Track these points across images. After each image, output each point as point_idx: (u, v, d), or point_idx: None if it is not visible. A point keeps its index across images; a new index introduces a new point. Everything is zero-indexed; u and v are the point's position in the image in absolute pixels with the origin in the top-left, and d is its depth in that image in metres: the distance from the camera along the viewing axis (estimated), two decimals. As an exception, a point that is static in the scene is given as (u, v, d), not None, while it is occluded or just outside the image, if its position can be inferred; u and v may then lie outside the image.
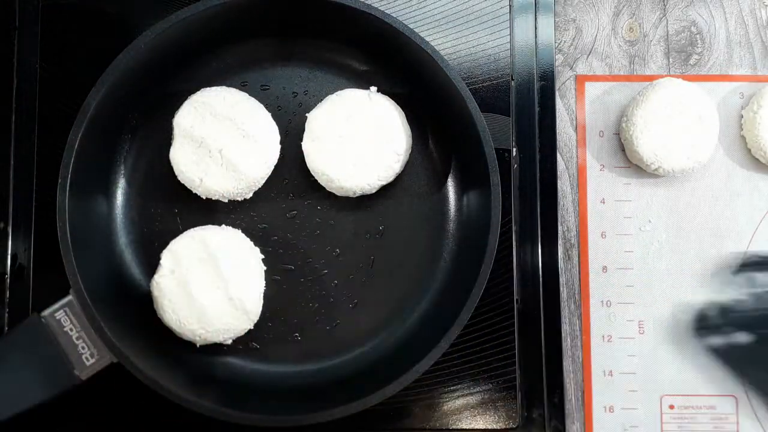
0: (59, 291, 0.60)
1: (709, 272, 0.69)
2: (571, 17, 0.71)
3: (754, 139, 0.67)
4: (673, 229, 0.69)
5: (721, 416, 0.67)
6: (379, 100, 0.66)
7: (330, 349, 0.66)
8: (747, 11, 0.71)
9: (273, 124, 0.66)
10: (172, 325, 0.63)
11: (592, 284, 0.69)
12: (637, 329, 0.68)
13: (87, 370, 0.59)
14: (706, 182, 0.69)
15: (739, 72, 0.71)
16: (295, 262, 0.67)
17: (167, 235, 0.65)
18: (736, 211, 0.69)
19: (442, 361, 0.59)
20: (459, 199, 0.68)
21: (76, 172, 0.60)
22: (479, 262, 0.60)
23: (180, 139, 0.65)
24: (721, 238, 0.69)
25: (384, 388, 0.59)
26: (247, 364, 0.66)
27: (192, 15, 0.62)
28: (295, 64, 0.69)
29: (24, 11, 0.68)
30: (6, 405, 0.58)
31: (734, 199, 0.69)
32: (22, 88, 0.68)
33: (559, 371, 0.67)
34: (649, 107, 0.66)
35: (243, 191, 0.65)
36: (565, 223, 0.69)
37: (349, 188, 0.65)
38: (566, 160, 0.70)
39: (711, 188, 0.69)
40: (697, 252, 0.69)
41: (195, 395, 0.59)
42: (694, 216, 0.69)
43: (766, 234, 0.69)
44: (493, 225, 0.61)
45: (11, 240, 0.67)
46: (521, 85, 0.69)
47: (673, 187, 0.69)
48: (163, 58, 0.64)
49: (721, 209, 0.69)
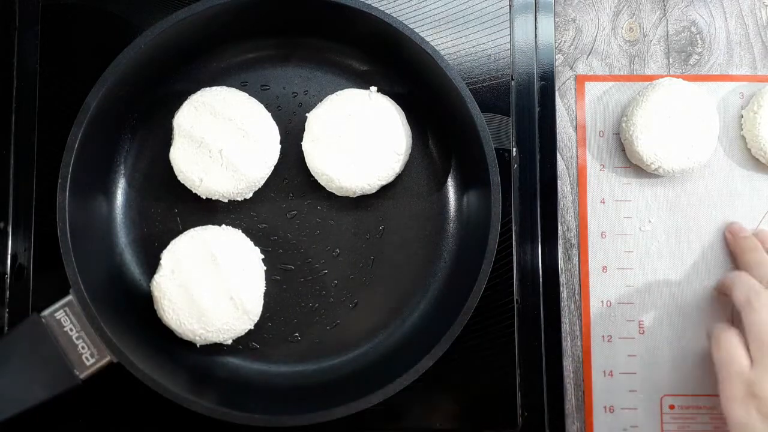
0: (59, 291, 0.60)
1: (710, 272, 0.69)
2: (571, 17, 0.71)
3: (754, 139, 0.67)
4: (673, 229, 0.69)
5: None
6: (379, 100, 0.66)
7: (330, 349, 0.66)
8: (747, 11, 0.71)
9: (273, 124, 0.66)
10: (173, 325, 0.63)
11: (592, 284, 0.69)
12: (637, 329, 0.68)
13: (87, 370, 0.59)
14: (706, 182, 0.69)
15: (739, 72, 0.71)
16: (295, 262, 0.67)
17: (167, 235, 0.65)
18: (736, 211, 0.69)
19: (442, 361, 0.59)
20: (459, 199, 0.68)
21: (76, 172, 0.60)
22: (479, 262, 0.60)
23: (180, 139, 0.65)
24: (721, 238, 0.69)
25: (384, 388, 0.59)
26: (247, 364, 0.66)
27: (192, 15, 0.62)
28: (295, 64, 0.69)
29: (24, 11, 0.68)
30: (6, 405, 0.58)
31: (734, 199, 0.69)
32: (22, 88, 0.68)
33: (559, 371, 0.67)
34: (649, 107, 0.66)
35: (243, 191, 0.65)
36: (565, 223, 0.69)
37: (349, 188, 0.65)
38: (566, 160, 0.70)
39: (711, 188, 0.69)
40: (697, 252, 0.69)
41: (195, 395, 0.59)
42: (694, 216, 0.69)
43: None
44: (493, 225, 0.61)
45: (11, 240, 0.67)
46: (521, 85, 0.69)
47: (673, 187, 0.69)
48: (163, 58, 0.64)
49: (721, 209, 0.69)
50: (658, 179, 0.69)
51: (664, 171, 0.67)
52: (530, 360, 0.67)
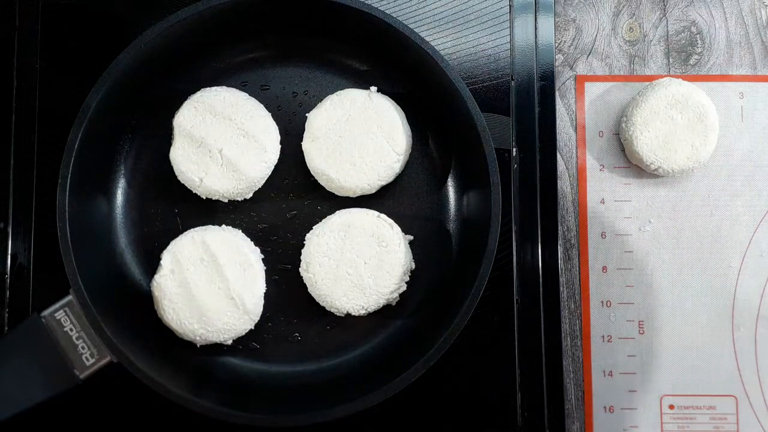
0: (59, 291, 0.60)
1: (710, 272, 0.69)
2: (571, 17, 0.71)
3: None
4: (673, 230, 0.69)
5: (721, 416, 0.67)
6: (379, 100, 0.66)
7: (330, 349, 0.66)
8: (747, 11, 0.71)
9: (273, 124, 0.66)
10: (173, 325, 0.63)
11: (592, 284, 0.69)
12: (637, 329, 0.68)
13: (87, 370, 0.59)
14: (706, 182, 0.70)
15: (739, 72, 0.71)
16: (295, 262, 0.67)
17: (167, 235, 0.65)
18: (736, 211, 0.69)
19: (442, 361, 0.59)
20: (459, 199, 0.68)
21: (76, 172, 0.60)
22: (479, 262, 0.60)
23: (180, 139, 0.65)
24: (721, 238, 0.69)
25: (384, 388, 0.59)
26: (247, 364, 0.66)
27: (192, 15, 0.62)
28: (295, 64, 0.69)
29: (24, 11, 0.68)
30: (6, 405, 0.58)
31: (734, 199, 0.69)
32: (22, 88, 0.68)
33: (559, 371, 0.67)
34: (649, 107, 0.66)
35: (243, 191, 0.65)
36: (565, 223, 0.69)
37: (349, 188, 0.65)
38: (566, 160, 0.70)
39: (711, 188, 0.69)
40: (697, 252, 0.69)
41: (195, 395, 0.59)
42: (694, 216, 0.69)
43: (766, 234, 0.69)
44: (493, 225, 0.61)
45: (11, 240, 0.67)
46: (521, 85, 0.69)
47: (673, 187, 0.69)
48: (163, 58, 0.64)
49: (721, 209, 0.69)
50: (658, 179, 0.69)
51: (664, 171, 0.67)
52: (530, 360, 0.67)
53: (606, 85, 0.70)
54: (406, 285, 0.65)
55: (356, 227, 0.64)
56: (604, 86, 0.70)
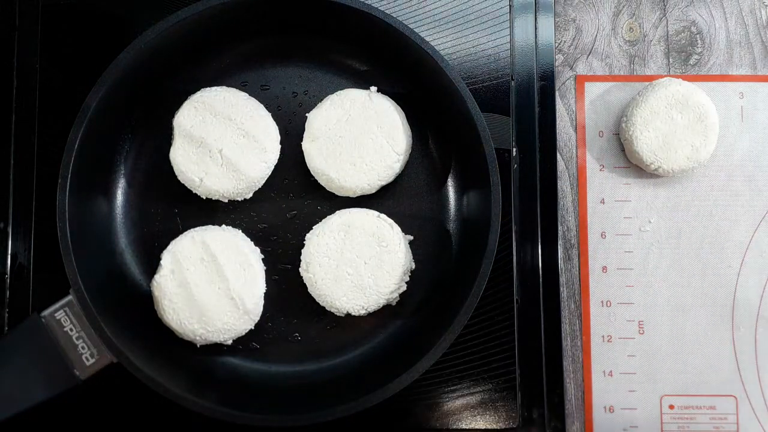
0: (59, 291, 0.60)
1: (709, 272, 0.69)
2: (571, 17, 0.71)
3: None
4: (674, 230, 0.69)
5: (721, 416, 0.67)
6: (379, 100, 0.66)
7: (330, 349, 0.66)
8: (747, 11, 0.71)
9: (273, 124, 0.66)
10: (173, 325, 0.63)
11: (592, 284, 0.69)
12: (637, 329, 0.68)
13: (87, 370, 0.59)
14: (706, 182, 0.69)
15: (739, 72, 0.71)
16: (295, 262, 0.67)
17: (167, 235, 0.65)
18: (736, 211, 0.69)
19: (442, 361, 0.59)
20: (459, 199, 0.68)
21: (76, 172, 0.60)
22: (479, 262, 0.60)
23: (180, 139, 0.65)
24: (721, 238, 0.69)
25: (384, 388, 0.59)
26: (247, 364, 0.66)
27: (192, 15, 0.62)
28: (295, 64, 0.69)
29: (24, 11, 0.69)
30: (6, 405, 0.58)
31: (734, 199, 0.69)
32: (22, 88, 0.68)
33: (559, 371, 0.67)
34: (648, 107, 0.66)
35: (243, 191, 0.65)
36: (565, 223, 0.69)
37: (349, 188, 0.65)
38: (566, 160, 0.70)
39: (711, 188, 0.69)
40: (697, 252, 0.69)
41: (195, 395, 0.59)
42: (694, 216, 0.69)
43: (766, 234, 0.69)
44: (493, 225, 0.61)
45: (11, 240, 0.67)
46: (521, 85, 0.69)
47: (673, 187, 0.69)
48: (163, 58, 0.64)
49: (721, 209, 0.69)
50: (658, 179, 0.69)
51: (664, 171, 0.67)
52: (530, 360, 0.67)
53: (606, 85, 0.70)
54: (406, 285, 0.65)
55: (356, 227, 0.64)
56: (604, 86, 0.70)
